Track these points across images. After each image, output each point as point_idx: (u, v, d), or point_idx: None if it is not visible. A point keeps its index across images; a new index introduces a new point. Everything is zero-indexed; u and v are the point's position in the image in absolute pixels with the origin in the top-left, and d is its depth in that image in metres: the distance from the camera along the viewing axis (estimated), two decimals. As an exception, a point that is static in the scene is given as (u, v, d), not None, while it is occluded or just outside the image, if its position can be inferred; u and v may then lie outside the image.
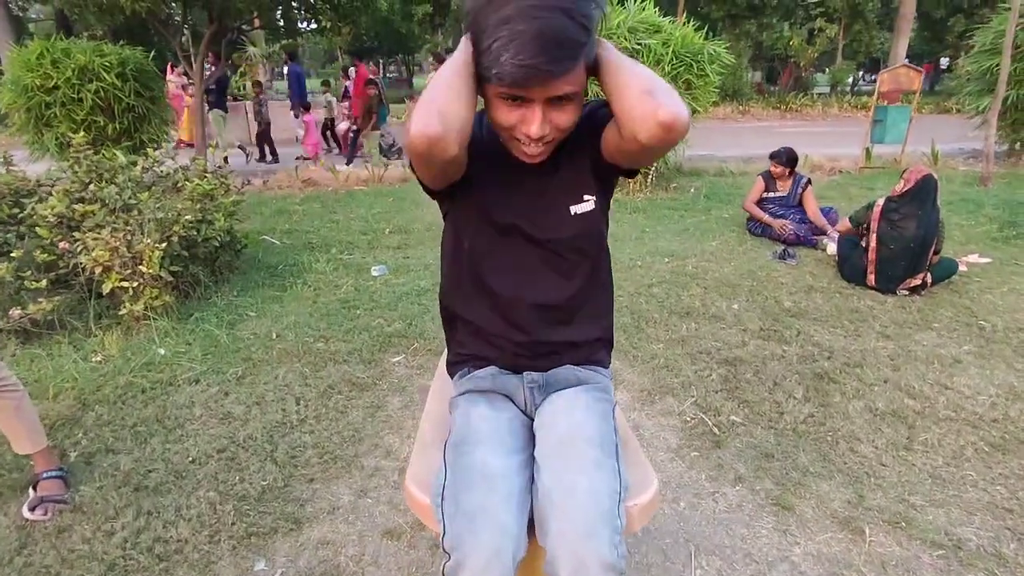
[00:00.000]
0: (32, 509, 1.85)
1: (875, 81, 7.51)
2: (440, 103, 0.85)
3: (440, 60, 9.28)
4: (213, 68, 8.01)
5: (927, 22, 22.85)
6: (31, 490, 1.91)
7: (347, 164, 8.36)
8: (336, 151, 10.40)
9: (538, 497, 0.94)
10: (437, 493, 0.96)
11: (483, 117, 1.03)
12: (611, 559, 0.85)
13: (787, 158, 4.76)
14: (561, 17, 0.81)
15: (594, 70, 0.92)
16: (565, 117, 0.93)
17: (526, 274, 1.10)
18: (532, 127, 0.91)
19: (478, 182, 1.05)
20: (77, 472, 2.07)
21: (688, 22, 6.38)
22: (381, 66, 32.17)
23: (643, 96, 0.85)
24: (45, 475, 1.92)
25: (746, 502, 1.95)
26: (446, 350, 1.30)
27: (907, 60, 18.61)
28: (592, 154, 1.04)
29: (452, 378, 1.24)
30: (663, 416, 2.43)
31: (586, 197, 1.08)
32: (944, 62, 27.59)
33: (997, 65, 6.78)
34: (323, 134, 10.65)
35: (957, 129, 9.50)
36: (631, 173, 1.09)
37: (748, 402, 2.49)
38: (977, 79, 7.78)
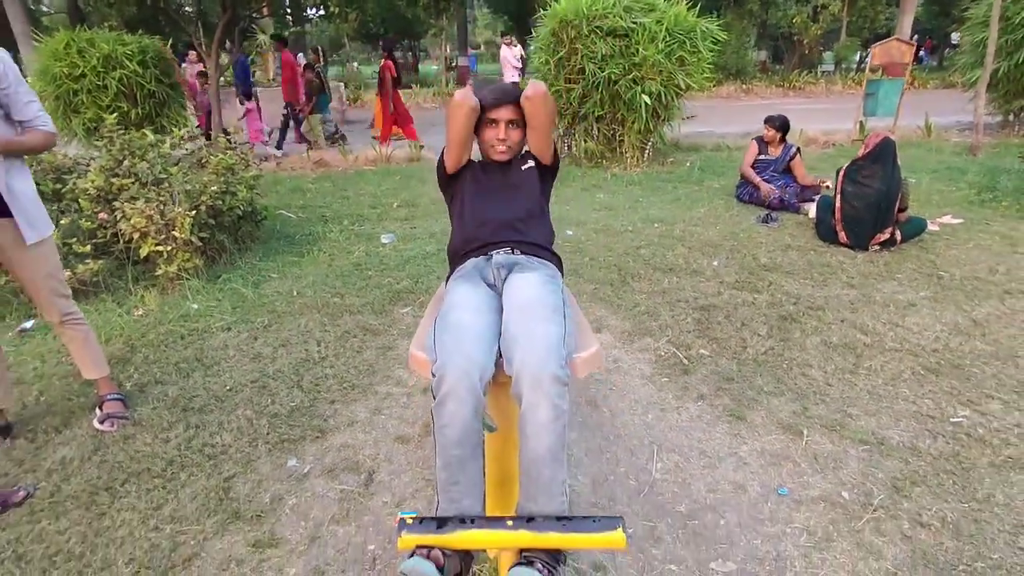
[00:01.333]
0: (101, 422, 2.21)
1: (869, 55, 7.66)
2: (464, 95, 1.68)
3: (281, 42, 8.97)
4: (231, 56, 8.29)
5: (935, -4, 22.64)
6: (97, 409, 2.27)
7: (277, 148, 8.50)
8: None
9: (505, 340, 1.30)
10: (430, 346, 1.31)
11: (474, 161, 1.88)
12: (559, 373, 1.21)
13: (780, 123, 5.02)
14: (508, 87, 1.78)
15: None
16: (515, 133, 1.77)
17: (496, 204, 1.77)
18: (500, 133, 1.75)
19: (471, 170, 1.86)
20: (132, 398, 2.42)
21: (689, 1, 6.57)
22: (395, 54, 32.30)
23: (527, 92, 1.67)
24: (109, 397, 2.28)
25: (705, 414, 2.27)
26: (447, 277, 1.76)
27: (916, 36, 18.50)
28: (532, 156, 1.86)
29: (447, 283, 1.61)
30: (640, 352, 2.74)
31: (529, 163, 1.85)
32: (955, 37, 27.26)
33: (988, 37, 6.92)
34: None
35: (957, 103, 9.62)
36: (550, 170, 1.88)
37: (717, 339, 2.80)
38: (970, 51, 7.91)
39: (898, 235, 3.78)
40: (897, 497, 1.81)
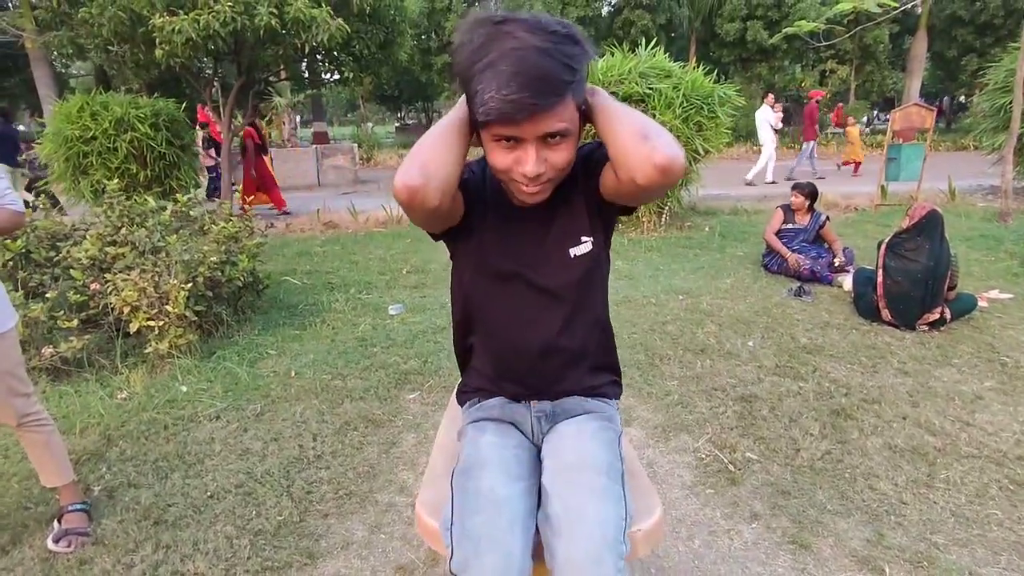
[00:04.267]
0: (56, 541, 1.89)
1: (889, 120, 7.57)
2: (424, 156, 0.91)
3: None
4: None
5: (940, 61, 23.03)
6: (56, 523, 1.96)
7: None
8: None
9: (546, 522, 0.96)
10: (446, 518, 0.99)
11: (487, 166, 1.05)
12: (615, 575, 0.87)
13: (809, 191, 4.82)
14: (541, 56, 0.84)
15: (588, 116, 0.97)
16: (560, 156, 0.95)
17: (529, 320, 1.13)
18: (527, 166, 0.93)
19: (478, 228, 1.10)
20: (99, 506, 2.11)
21: (699, 66, 6.56)
22: (402, 112, 33.13)
23: (638, 139, 0.88)
24: (70, 508, 1.97)
25: (762, 540, 1.92)
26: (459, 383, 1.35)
27: (922, 99, 18.74)
28: (590, 194, 1.08)
29: (462, 407, 1.28)
30: (677, 453, 2.41)
31: (584, 239, 1.11)
32: (962, 100, 27.68)
33: (1010, 103, 6.81)
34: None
35: (974, 166, 9.51)
36: (629, 210, 1.12)
37: (764, 439, 2.47)
38: (991, 116, 7.81)
39: (948, 314, 3.48)
40: (1021, 672, 1.44)
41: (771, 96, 11.65)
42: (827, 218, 4.85)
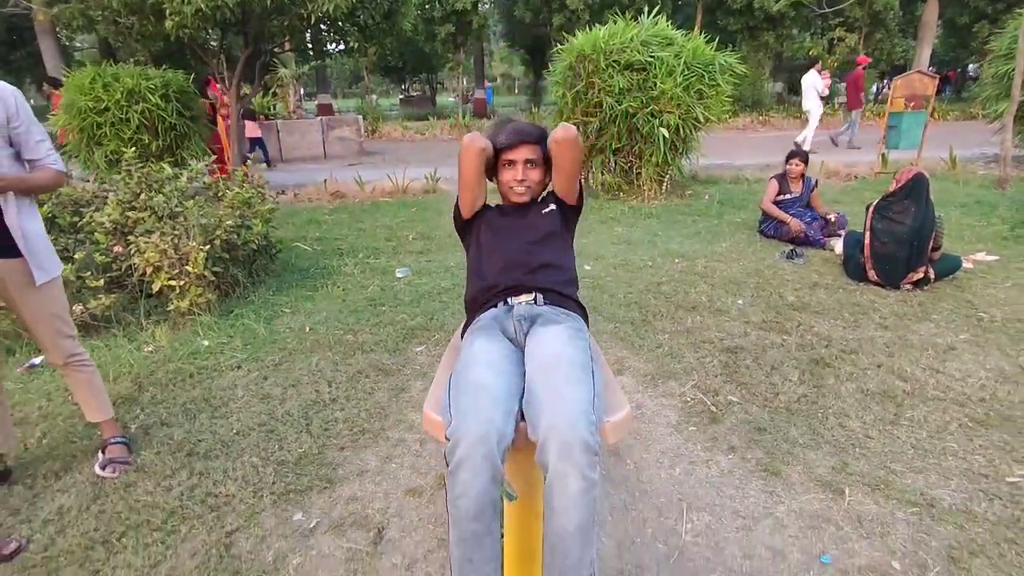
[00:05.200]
0: (103, 468, 2.11)
1: (891, 87, 7.58)
2: (477, 138, 1.71)
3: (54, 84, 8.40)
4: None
5: (951, 29, 22.62)
6: (100, 453, 2.18)
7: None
8: None
9: (531, 404, 1.19)
10: (444, 406, 1.20)
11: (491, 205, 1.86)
12: (589, 440, 1.10)
13: (805, 157, 4.94)
14: (525, 125, 1.80)
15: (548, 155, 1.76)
16: (534, 173, 1.78)
17: (515, 249, 1.70)
18: (517, 174, 1.75)
19: (488, 214, 1.85)
20: (137, 441, 2.33)
21: (704, 34, 6.59)
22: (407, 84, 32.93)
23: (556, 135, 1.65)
24: (112, 440, 2.19)
25: (737, 468, 2.12)
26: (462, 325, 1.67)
27: (932, 68, 18.48)
28: (554, 197, 1.84)
29: (464, 335, 1.50)
30: (665, 397, 2.61)
31: (551, 205, 1.81)
32: (972, 68, 27.20)
33: (1013, 70, 6.82)
34: None
35: (981, 135, 9.49)
36: (574, 209, 1.83)
37: (745, 384, 2.66)
38: (994, 83, 7.80)
39: (932, 274, 3.63)
40: (955, 570, 1.64)
41: (819, 63, 11.51)
42: (816, 182, 4.97)
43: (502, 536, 1.24)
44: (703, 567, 1.70)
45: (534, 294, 1.57)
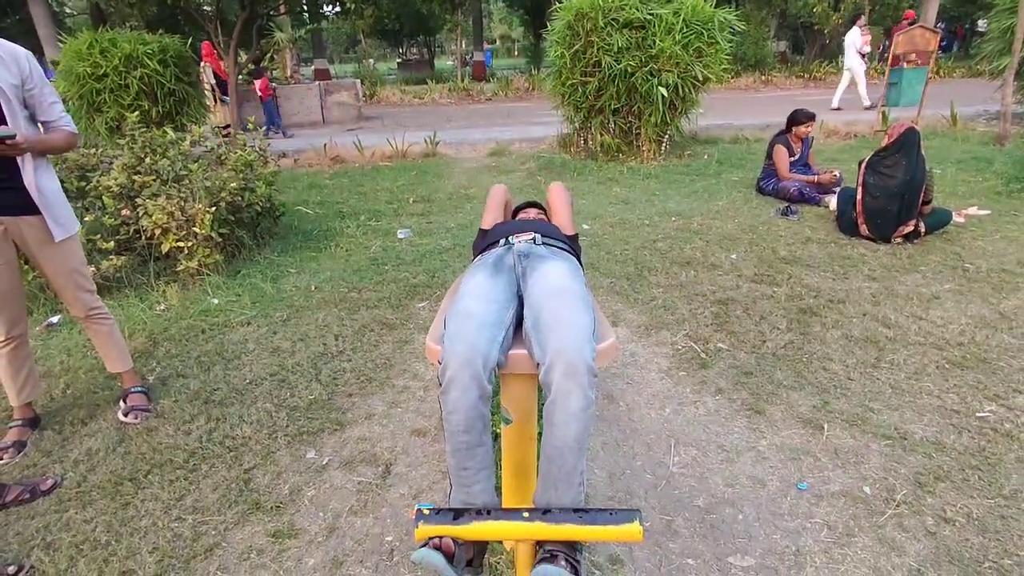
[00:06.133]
0: (125, 415, 2.25)
1: (892, 44, 7.50)
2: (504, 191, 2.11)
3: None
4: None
5: (961, -18, 22.08)
6: (121, 402, 2.31)
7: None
8: None
9: (537, 328, 1.30)
10: (440, 333, 1.31)
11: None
12: (592, 364, 1.22)
13: (813, 116, 4.95)
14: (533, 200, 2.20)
15: None
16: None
17: (522, 222, 1.83)
18: (529, 216, 2.11)
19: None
20: (155, 390, 2.46)
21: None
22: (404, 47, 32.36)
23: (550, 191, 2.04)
24: (133, 390, 2.32)
25: (723, 408, 2.25)
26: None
27: (941, 24, 18.04)
28: None
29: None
30: (657, 346, 2.72)
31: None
32: (982, 24, 26.58)
33: (1015, 24, 6.73)
34: None
35: (985, 91, 9.39)
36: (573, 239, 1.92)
37: (735, 333, 2.77)
38: (997, 39, 7.71)
39: (922, 227, 3.71)
40: (920, 493, 1.77)
41: (862, 19, 11.25)
42: (812, 139, 5.03)
43: (496, 444, 1.36)
44: (688, 494, 1.84)
45: (533, 235, 1.67)
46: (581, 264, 1.79)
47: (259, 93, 9.66)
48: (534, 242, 1.64)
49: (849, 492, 1.80)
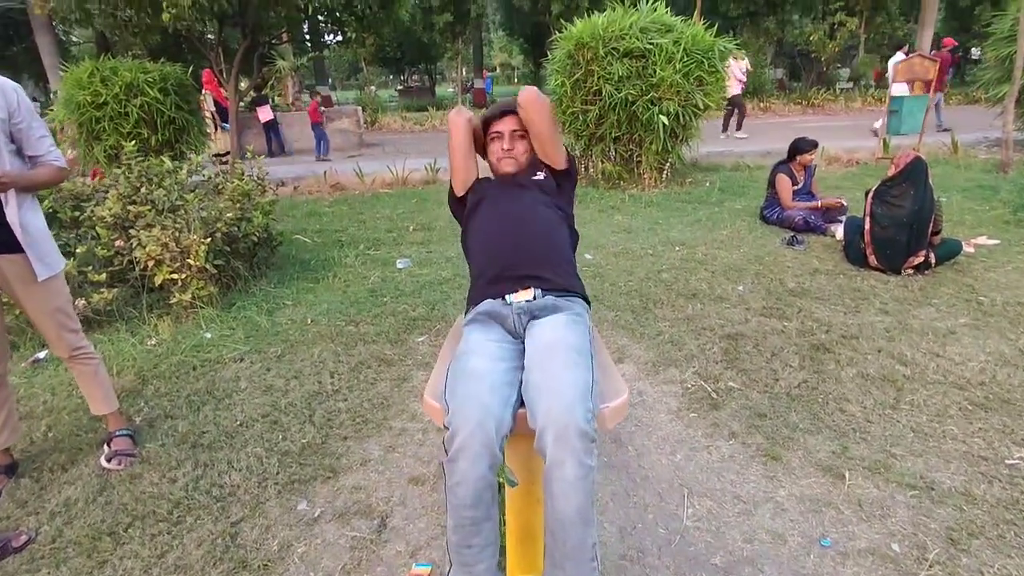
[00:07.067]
0: (108, 460, 2.13)
1: (891, 73, 7.52)
2: (462, 111, 1.84)
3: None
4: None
5: (953, 11, 22.41)
6: (105, 446, 2.20)
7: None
8: None
9: (528, 389, 1.19)
10: (441, 393, 1.21)
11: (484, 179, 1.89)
12: (586, 428, 1.11)
13: (816, 144, 4.92)
14: (510, 99, 1.81)
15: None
16: (520, 144, 1.83)
17: (511, 222, 1.67)
18: (504, 143, 1.81)
19: (481, 187, 1.85)
20: (142, 433, 2.35)
21: (705, 21, 6.54)
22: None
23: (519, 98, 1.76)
24: (118, 433, 2.21)
25: (738, 454, 2.13)
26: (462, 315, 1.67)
27: (934, 51, 18.28)
28: (543, 164, 1.86)
29: (464, 322, 1.51)
30: (666, 384, 2.62)
31: (541, 172, 1.82)
32: (975, 52, 26.96)
33: (1014, 52, 6.76)
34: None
35: (984, 119, 9.42)
36: (566, 175, 1.88)
37: (746, 371, 2.66)
38: (995, 66, 7.74)
39: (932, 258, 3.63)
40: (954, 551, 1.66)
41: (907, 46, 11.37)
42: (815, 167, 4.99)
43: (502, 521, 1.25)
44: (704, 551, 1.72)
45: (532, 292, 1.52)
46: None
47: (309, 119, 10.32)
48: (534, 298, 1.50)
49: (877, 550, 1.68)
